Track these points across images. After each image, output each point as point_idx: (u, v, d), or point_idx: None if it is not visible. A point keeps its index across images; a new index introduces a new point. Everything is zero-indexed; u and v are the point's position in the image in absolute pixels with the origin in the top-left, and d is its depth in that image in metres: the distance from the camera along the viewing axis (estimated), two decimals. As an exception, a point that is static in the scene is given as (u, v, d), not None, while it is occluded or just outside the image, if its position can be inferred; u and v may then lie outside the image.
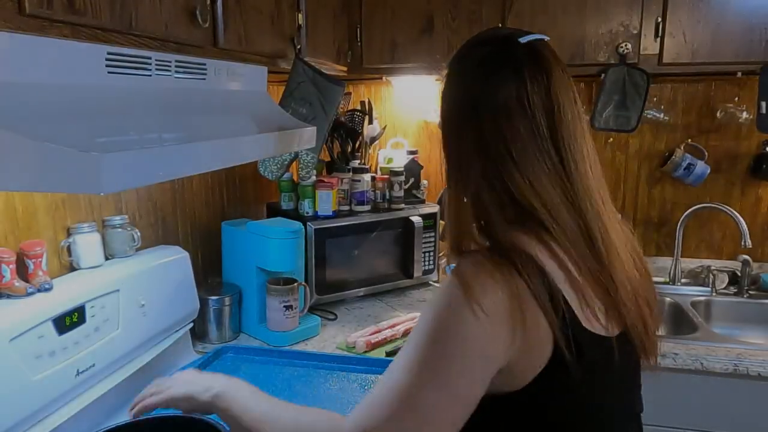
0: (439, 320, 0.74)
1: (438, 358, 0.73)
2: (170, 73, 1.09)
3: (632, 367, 0.88)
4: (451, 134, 0.86)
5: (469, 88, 0.84)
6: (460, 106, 0.85)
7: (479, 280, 0.73)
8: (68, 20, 0.84)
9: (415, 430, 0.73)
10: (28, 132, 0.71)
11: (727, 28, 1.79)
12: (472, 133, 0.82)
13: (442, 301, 0.75)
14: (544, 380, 0.75)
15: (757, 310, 2.08)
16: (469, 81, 0.85)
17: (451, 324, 0.73)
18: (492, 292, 0.72)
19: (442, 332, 0.73)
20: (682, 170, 2.16)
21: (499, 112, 0.80)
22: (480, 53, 0.86)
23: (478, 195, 0.82)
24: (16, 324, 1.04)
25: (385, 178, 2.08)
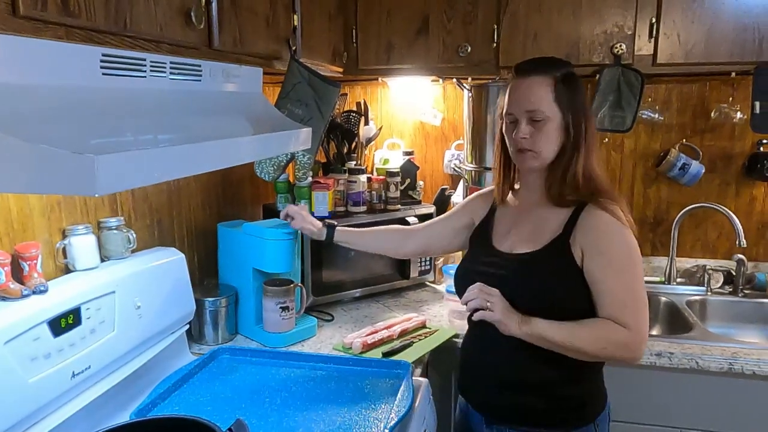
0: (634, 249, 1.25)
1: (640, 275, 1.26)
2: (165, 74, 1.09)
3: None
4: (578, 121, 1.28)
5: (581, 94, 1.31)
6: (582, 106, 1.30)
7: (622, 217, 1.25)
8: (62, 22, 0.84)
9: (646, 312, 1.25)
10: (23, 134, 0.70)
11: (721, 28, 1.80)
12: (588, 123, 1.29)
13: (626, 240, 1.25)
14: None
15: (752, 309, 2.08)
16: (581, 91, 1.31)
17: (636, 251, 1.25)
18: (628, 218, 1.27)
19: (637, 255, 1.25)
20: (677, 170, 2.17)
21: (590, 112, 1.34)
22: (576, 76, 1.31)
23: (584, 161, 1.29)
24: (11, 326, 1.04)
25: (381, 179, 2.08)
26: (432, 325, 1.81)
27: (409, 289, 2.15)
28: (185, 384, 1.41)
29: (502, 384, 1.32)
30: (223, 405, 1.32)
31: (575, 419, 1.31)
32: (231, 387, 1.40)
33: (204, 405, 1.32)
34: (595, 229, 1.25)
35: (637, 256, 1.25)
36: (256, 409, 1.30)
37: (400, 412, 1.24)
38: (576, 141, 1.27)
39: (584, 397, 1.32)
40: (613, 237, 1.24)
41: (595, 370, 1.34)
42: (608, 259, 1.23)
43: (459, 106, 2.40)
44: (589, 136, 1.28)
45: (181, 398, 1.35)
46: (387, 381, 1.43)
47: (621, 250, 1.24)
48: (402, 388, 1.36)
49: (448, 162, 2.43)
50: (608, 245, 1.24)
